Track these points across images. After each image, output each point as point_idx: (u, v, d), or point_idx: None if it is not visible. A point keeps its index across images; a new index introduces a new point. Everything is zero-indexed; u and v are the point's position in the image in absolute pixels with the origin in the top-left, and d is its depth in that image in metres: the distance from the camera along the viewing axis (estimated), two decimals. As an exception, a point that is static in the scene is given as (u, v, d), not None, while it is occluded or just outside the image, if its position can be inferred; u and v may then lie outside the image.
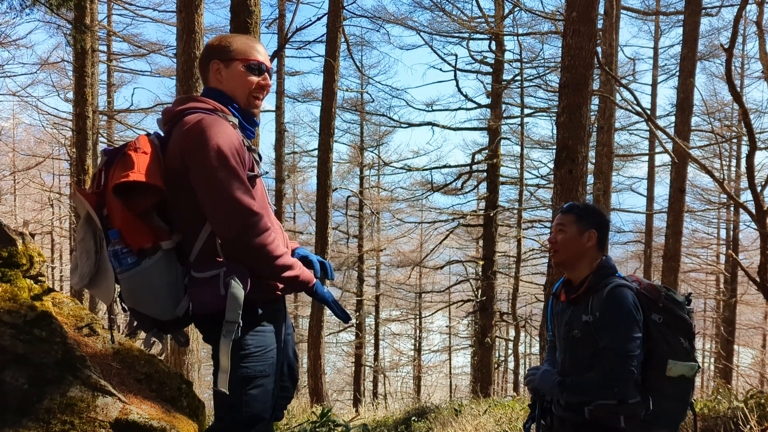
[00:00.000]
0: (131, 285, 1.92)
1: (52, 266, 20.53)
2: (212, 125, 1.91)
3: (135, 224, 1.91)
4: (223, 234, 1.93)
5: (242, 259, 1.95)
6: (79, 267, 1.99)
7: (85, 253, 1.97)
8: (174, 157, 1.95)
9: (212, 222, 1.94)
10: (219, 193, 1.88)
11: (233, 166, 1.89)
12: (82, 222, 1.98)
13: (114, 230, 1.90)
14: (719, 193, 18.42)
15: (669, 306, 2.25)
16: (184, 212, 2.00)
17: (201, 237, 1.98)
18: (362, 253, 21.13)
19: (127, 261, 1.89)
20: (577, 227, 2.37)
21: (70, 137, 15.63)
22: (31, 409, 2.64)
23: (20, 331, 2.90)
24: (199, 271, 1.97)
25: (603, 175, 12.08)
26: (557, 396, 2.29)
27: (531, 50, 17.95)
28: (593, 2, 6.17)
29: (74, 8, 8.54)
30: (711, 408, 4.71)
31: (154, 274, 1.91)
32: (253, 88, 2.12)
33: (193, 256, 1.99)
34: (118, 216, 1.90)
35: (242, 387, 1.99)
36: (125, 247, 1.89)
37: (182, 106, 2.02)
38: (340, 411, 12.39)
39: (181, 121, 1.98)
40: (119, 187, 1.89)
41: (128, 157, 1.90)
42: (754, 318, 22.39)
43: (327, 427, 4.80)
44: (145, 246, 1.91)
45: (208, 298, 1.94)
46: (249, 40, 2.17)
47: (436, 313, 22.30)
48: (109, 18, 17.18)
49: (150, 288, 1.92)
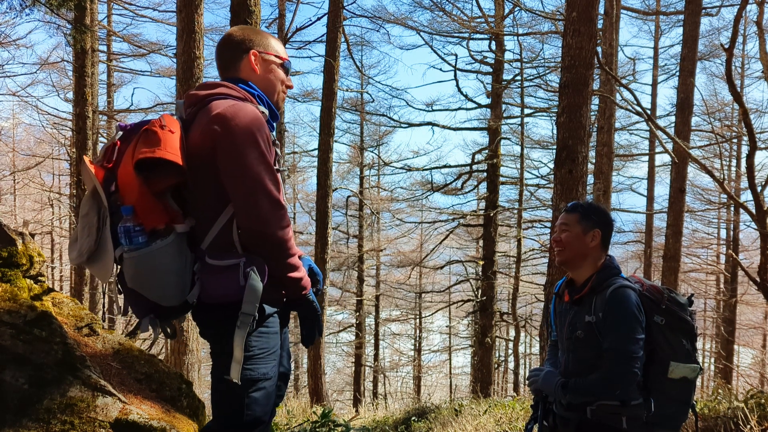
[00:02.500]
0: (139, 265, 1.85)
1: (52, 266, 20.53)
2: (246, 111, 1.90)
3: (152, 203, 1.83)
4: (247, 221, 1.89)
5: (257, 250, 1.93)
6: (79, 242, 1.91)
7: (87, 229, 1.90)
8: (199, 140, 1.89)
9: (239, 208, 1.89)
10: (250, 178, 1.86)
11: (265, 153, 1.89)
12: (87, 196, 1.91)
13: (128, 207, 1.82)
14: (719, 193, 18.42)
15: (672, 308, 2.25)
16: (202, 197, 1.94)
17: (217, 224, 1.92)
18: (362, 253, 21.13)
19: (138, 240, 1.82)
20: (581, 226, 2.37)
21: (70, 137, 15.65)
22: (31, 409, 2.64)
23: (20, 331, 2.90)
24: (215, 259, 1.91)
25: (603, 175, 12.08)
26: (560, 397, 2.30)
27: (531, 50, 17.97)
28: (593, 2, 6.17)
29: (74, 8, 8.53)
30: (711, 408, 4.72)
31: (164, 257, 1.85)
32: (283, 85, 2.18)
33: (205, 244, 1.93)
34: (134, 192, 1.82)
35: (246, 389, 1.96)
36: (138, 226, 1.82)
37: (211, 91, 1.99)
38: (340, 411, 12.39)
39: (209, 105, 1.94)
40: (143, 162, 1.82)
41: (154, 133, 1.84)
42: (754, 318, 22.39)
43: (327, 427, 4.80)
44: (158, 226, 1.84)
45: (223, 288, 1.90)
46: (277, 39, 2.22)
47: (436, 313, 22.31)
48: (109, 18, 17.19)
49: (158, 271, 1.86)
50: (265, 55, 2.13)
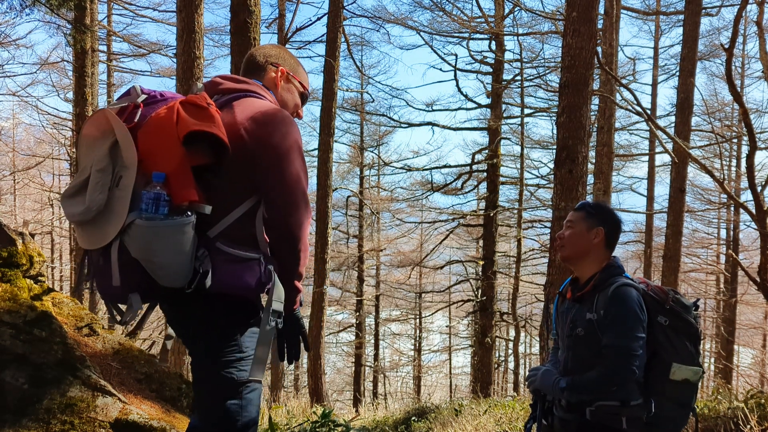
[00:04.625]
0: (155, 237, 1.73)
1: (52, 266, 20.52)
2: (292, 120, 1.98)
3: (189, 177, 1.76)
4: (282, 221, 1.91)
5: (278, 251, 1.95)
6: (90, 197, 1.77)
7: (101, 185, 1.77)
8: (239, 132, 1.87)
9: (278, 207, 1.91)
10: (295, 182, 1.91)
11: (304, 164, 1.96)
12: (104, 151, 1.79)
13: (160, 174, 1.73)
14: (719, 193, 18.42)
15: (676, 309, 2.24)
16: (222, 185, 1.88)
17: (232, 215, 1.89)
18: (362, 253, 21.13)
19: (164, 210, 1.72)
20: (585, 223, 2.37)
21: (70, 137, 15.65)
22: (31, 409, 2.64)
23: (20, 331, 2.90)
24: (235, 249, 1.87)
25: (603, 175, 12.08)
26: (558, 396, 2.29)
27: (531, 50, 17.96)
28: (593, 2, 6.17)
29: (74, 8, 8.54)
30: (711, 408, 4.72)
31: (182, 235, 1.75)
32: (295, 111, 2.24)
33: (214, 232, 1.88)
34: (173, 162, 1.74)
35: (241, 390, 1.95)
36: (168, 195, 1.73)
37: (245, 87, 2.00)
38: (340, 411, 12.40)
39: (249, 100, 1.95)
40: (193, 135, 1.76)
41: (204, 109, 1.80)
42: (754, 318, 22.39)
43: (327, 427, 4.80)
44: (184, 202, 1.75)
45: (240, 279, 1.86)
46: (306, 72, 2.30)
47: (436, 313, 22.32)
48: (109, 18, 17.18)
49: (173, 247, 1.75)
50: (291, 77, 2.20)
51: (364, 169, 22.40)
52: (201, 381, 1.99)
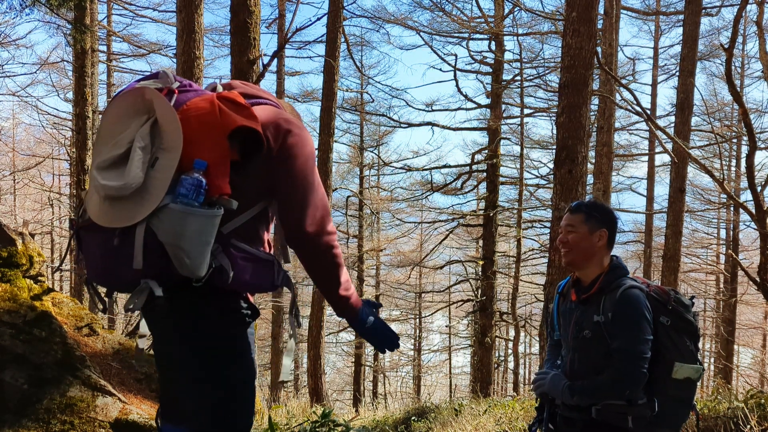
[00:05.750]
0: (191, 223, 1.70)
1: (52, 266, 20.50)
2: (309, 132, 2.02)
3: (227, 170, 1.76)
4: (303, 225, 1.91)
5: (305, 258, 1.97)
6: (131, 174, 1.71)
7: (142, 164, 1.72)
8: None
9: (299, 211, 1.91)
10: (315, 189, 1.94)
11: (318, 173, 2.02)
12: (147, 129, 1.75)
13: (203, 162, 1.72)
14: (719, 193, 18.42)
15: (677, 309, 2.26)
16: (243, 185, 1.85)
17: (245, 215, 1.89)
18: (362, 253, 21.12)
19: (201, 198, 1.71)
20: (587, 226, 2.36)
21: (70, 137, 15.67)
22: (31, 409, 2.64)
23: (20, 331, 2.90)
24: (250, 247, 1.88)
25: (603, 175, 12.09)
26: (568, 400, 2.30)
27: (531, 50, 17.93)
28: (593, 2, 6.17)
29: (74, 8, 8.54)
30: (711, 408, 4.72)
31: (211, 227, 1.74)
32: None
33: (227, 229, 1.86)
34: (215, 152, 1.74)
35: (240, 391, 1.94)
36: (207, 185, 1.72)
37: (261, 94, 2.02)
38: (340, 411, 12.39)
39: (264, 105, 1.96)
40: (239, 130, 1.76)
41: (246, 107, 1.82)
42: (754, 318, 22.40)
43: (327, 427, 4.80)
44: (216, 195, 1.74)
45: (256, 278, 1.88)
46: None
47: (436, 313, 22.29)
48: (109, 18, 17.19)
49: (203, 237, 1.72)
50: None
51: (364, 169, 22.40)
52: (188, 384, 1.91)
